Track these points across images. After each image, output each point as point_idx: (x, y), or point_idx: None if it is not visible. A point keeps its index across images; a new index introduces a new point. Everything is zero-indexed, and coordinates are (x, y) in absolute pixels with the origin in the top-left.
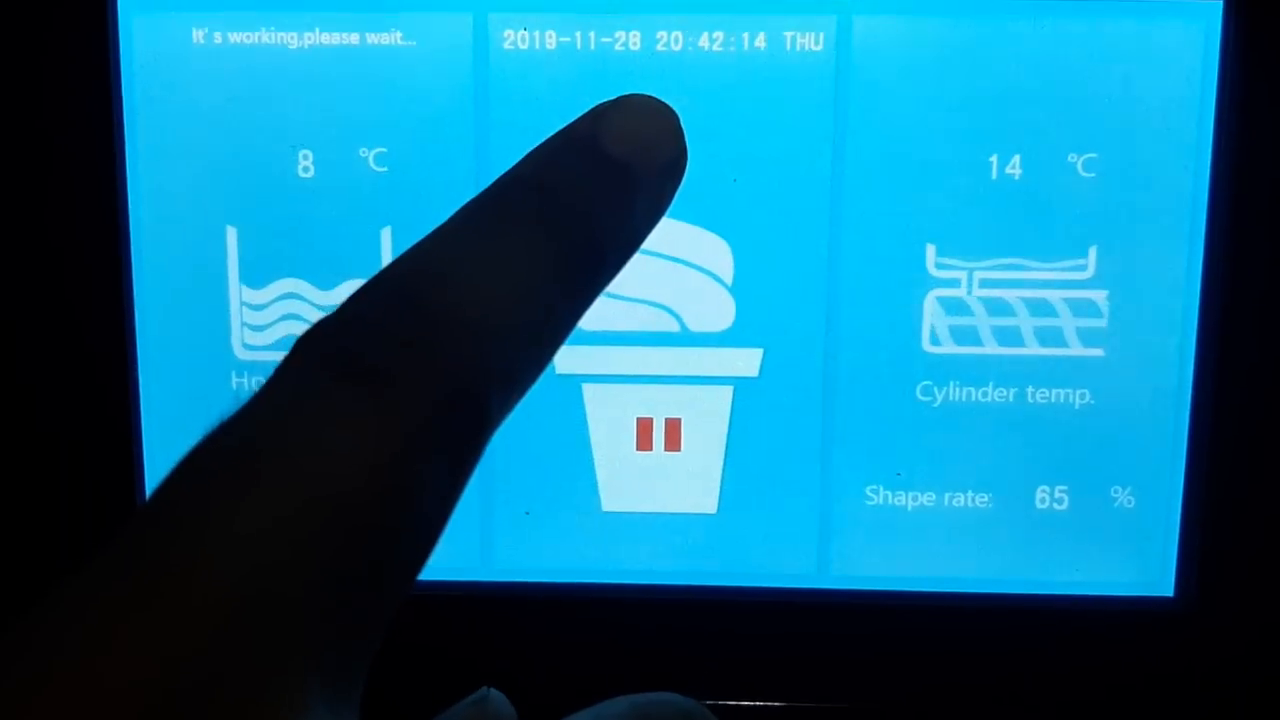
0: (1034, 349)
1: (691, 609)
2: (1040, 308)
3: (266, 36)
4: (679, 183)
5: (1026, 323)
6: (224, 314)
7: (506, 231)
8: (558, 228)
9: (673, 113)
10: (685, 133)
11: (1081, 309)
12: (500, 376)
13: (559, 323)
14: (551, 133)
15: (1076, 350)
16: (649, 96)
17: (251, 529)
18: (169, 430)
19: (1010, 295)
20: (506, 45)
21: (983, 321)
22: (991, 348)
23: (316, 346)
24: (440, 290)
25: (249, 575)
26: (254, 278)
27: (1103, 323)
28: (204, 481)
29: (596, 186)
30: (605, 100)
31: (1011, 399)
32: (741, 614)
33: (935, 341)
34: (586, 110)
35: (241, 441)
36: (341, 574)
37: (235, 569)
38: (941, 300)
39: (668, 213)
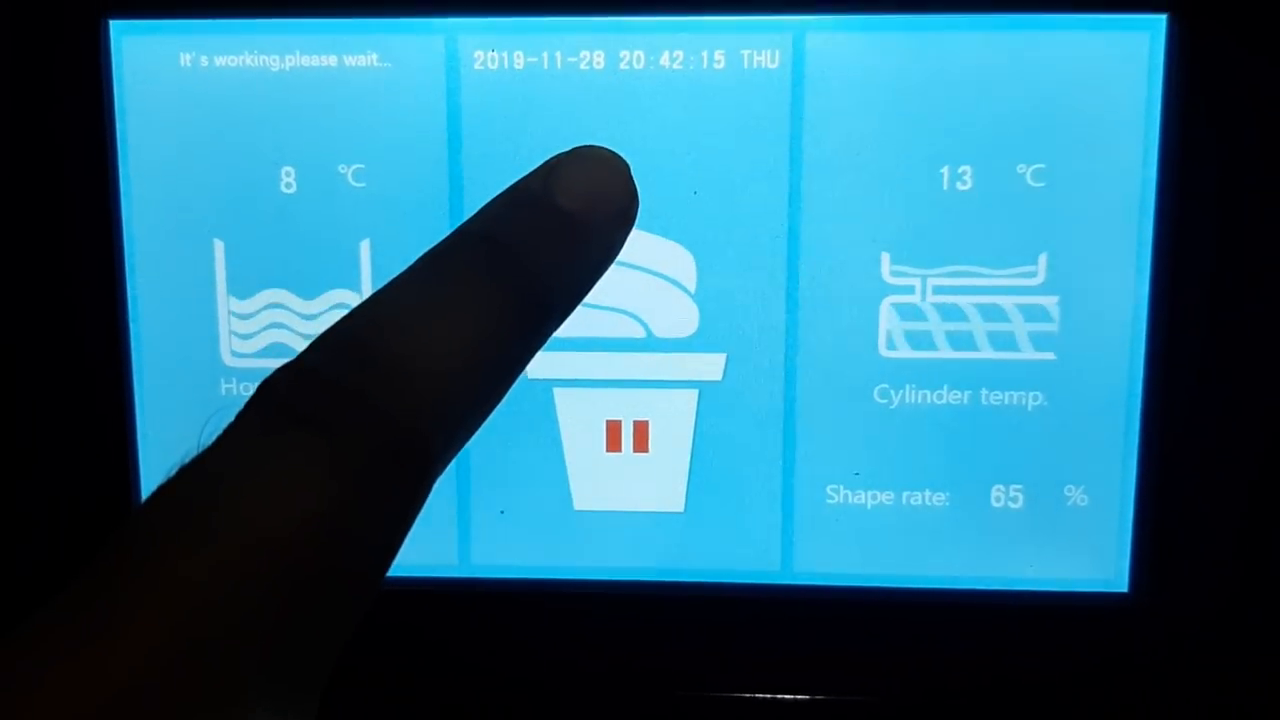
0: (987, 353)
1: (660, 604)
2: (992, 313)
3: (250, 59)
4: (629, 230)
5: (979, 327)
6: (213, 323)
7: (454, 283)
8: (504, 279)
9: (623, 163)
10: (635, 176)
11: (1032, 314)
12: (444, 423)
13: (504, 371)
14: (520, 148)
15: (1028, 354)
16: (600, 148)
17: (197, 575)
18: (163, 435)
19: (963, 301)
20: (477, 66)
21: (937, 327)
22: (945, 352)
23: (271, 395)
24: (386, 341)
25: (194, 618)
26: (240, 288)
27: (1054, 327)
28: (155, 527)
29: (545, 238)
30: (559, 154)
31: (966, 401)
32: (708, 609)
33: (891, 346)
34: (542, 163)
35: (194, 488)
36: (284, 615)
37: (179, 612)
38: (896, 306)
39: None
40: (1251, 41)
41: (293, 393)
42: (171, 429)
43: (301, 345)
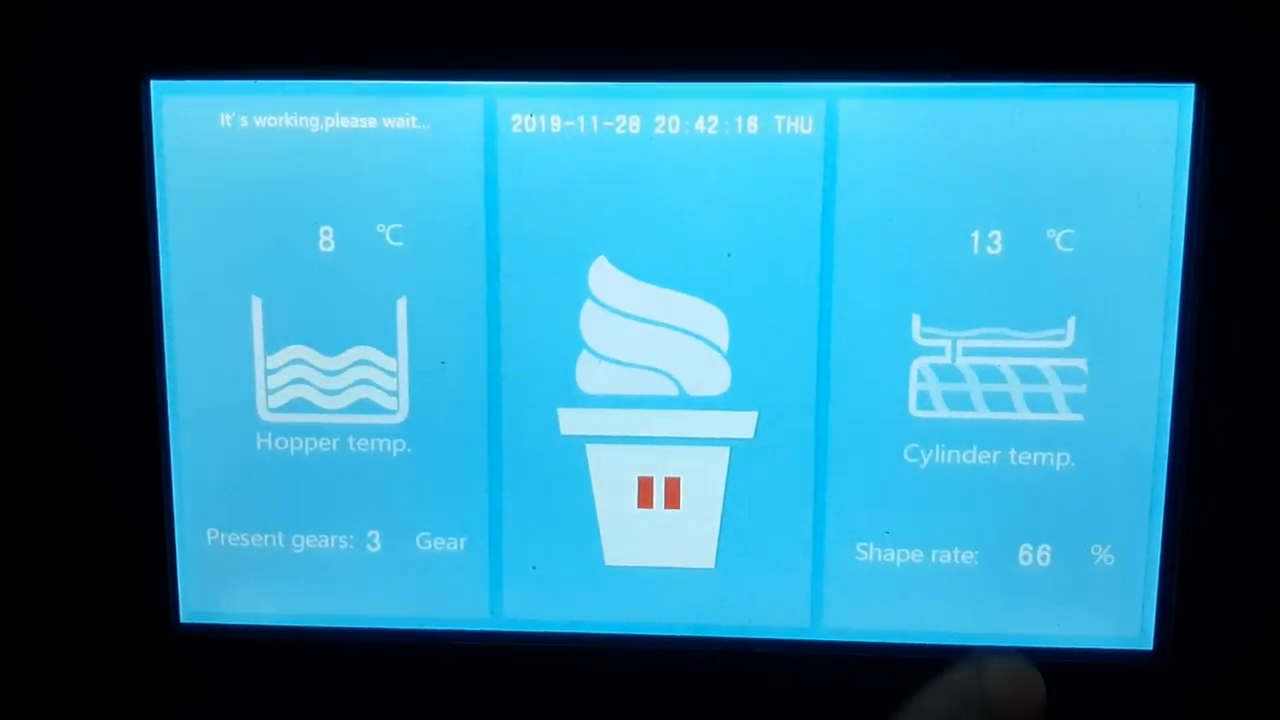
0: (1016, 414)
1: (690, 660)
2: (1022, 375)
3: (290, 120)
4: None
5: (1009, 389)
6: (249, 379)
7: None
8: None
9: (1035, 671)
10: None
11: (1061, 376)
12: None
13: None
14: (557, 210)
15: (1057, 415)
16: (1016, 658)
17: None
18: (200, 488)
19: (993, 363)
20: (515, 129)
21: (967, 388)
22: (976, 413)
23: None
24: None
25: None
26: (271, 344)
27: (1082, 389)
28: None
29: None
30: (981, 654)
31: (995, 461)
32: (738, 665)
33: (922, 406)
34: (965, 661)
35: None
36: None
37: None
38: (927, 368)
39: (666, 283)
40: (1278, 109)
41: None
42: (209, 483)
43: (322, 400)
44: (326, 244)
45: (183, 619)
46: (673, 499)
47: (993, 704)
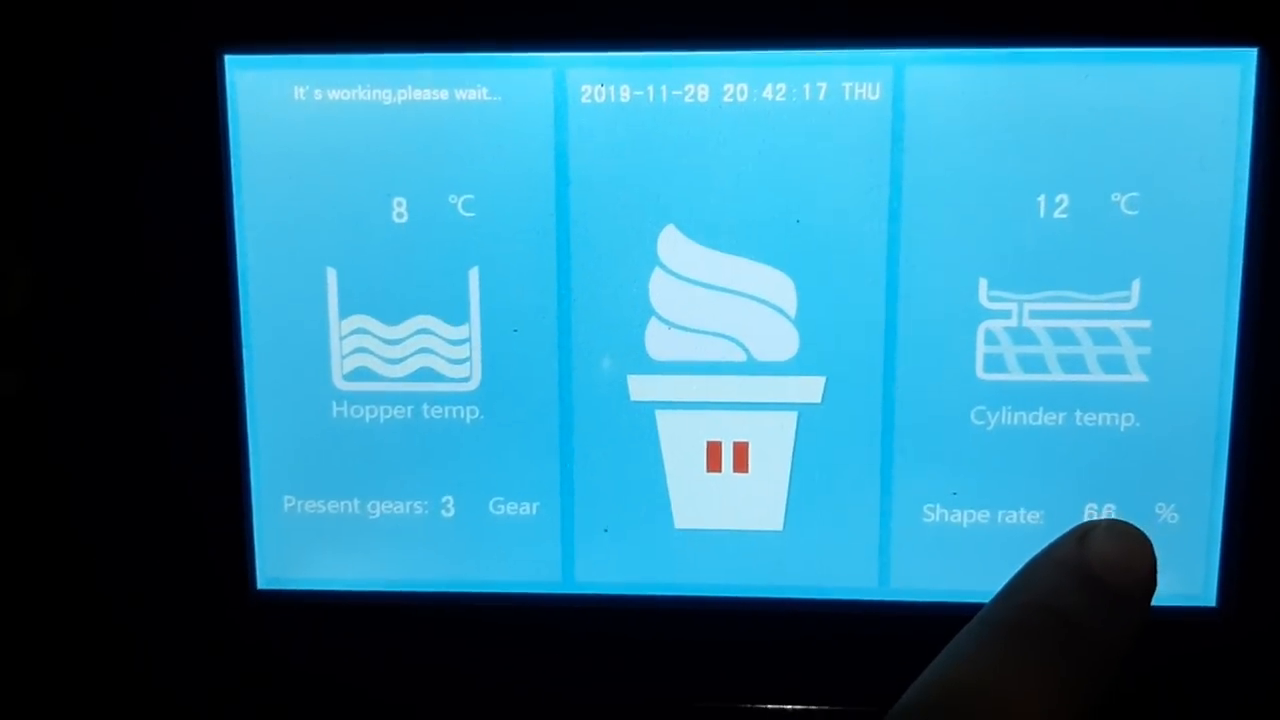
0: (1081, 375)
1: (760, 620)
2: (1087, 337)
3: (362, 93)
4: (1153, 596)
5: (1075, 351)
6: (324, 348)
7: (1039, 660)
8: (1071, 654)
9: (1147, 540)
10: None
11: (1127, 338)
12: None
13: None
14: (627, 180)
15: (1122, 376)
16: (1127, 524)
17: None
18: (277, 456)
19: (1059, 325)
20: (584, 99)
21: (1033, 350)
22: (1041, 375)
23: None
24: (997, 714)
25: None
26: (345, 315)
27: (1147, 350)
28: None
29: (1094, 610)
30: (1091, 522)
31: (1061, 422)
32: (807, 624)
33: (989, 369)
34: (1069, 532)
35: None
36: None
37: None
38: (994, 331)
39: (734, 250)
40: None
41: None
42: (286, 451)
43: (384, 370)
44: (400, 215)
45: (260, 585)
46: (741, 463)
47: (1096, 572)
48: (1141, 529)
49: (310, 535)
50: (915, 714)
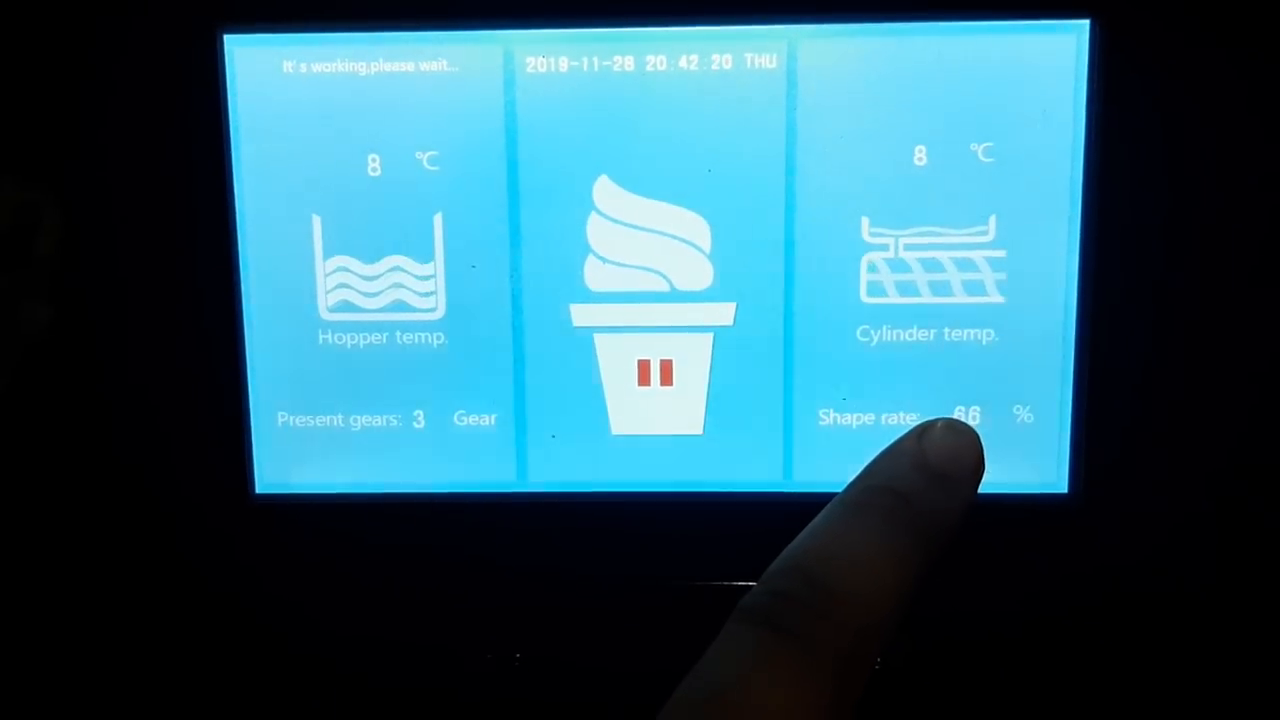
0: (948, 298)
1: (684, 510)
2: (953, 265)
3: (341, 66)
4: (978, 485)
5: (942, 277)
6: (311, 284)
7: (877, 529)
8: (907, 523)
9: (975, 435)
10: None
11: (986, 265)
12: (877, 634)
13: (910, 592)
14: (566, 138)
15: (982, 298)
16: (959, 422)
17: None
18: (272, 377)
19: (929, 256)
20: (529, 70)
21: (907, 277)
22: (915, 298)
23: (749, 615)
24: (838, 573)
25: None
26: (327, 255)
27: (1003, 275)
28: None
29: (926, 490)
30: (926, 421)
31: (932, 338)
32: (723, 513)
33: (870, 293)
34: (911, 429)
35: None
36: None
37: None
38: (875, 261)
39: (657, 196)
40: (1162, 41)
41: (768, 610)
42: (279, 373)
43: (362, 301)
44: (374, 169)
45: (258, 490)
46: (667, 378)
47: (931, 461)
48: (973, 428)
49: (301, 446)
50: (777, 577)
